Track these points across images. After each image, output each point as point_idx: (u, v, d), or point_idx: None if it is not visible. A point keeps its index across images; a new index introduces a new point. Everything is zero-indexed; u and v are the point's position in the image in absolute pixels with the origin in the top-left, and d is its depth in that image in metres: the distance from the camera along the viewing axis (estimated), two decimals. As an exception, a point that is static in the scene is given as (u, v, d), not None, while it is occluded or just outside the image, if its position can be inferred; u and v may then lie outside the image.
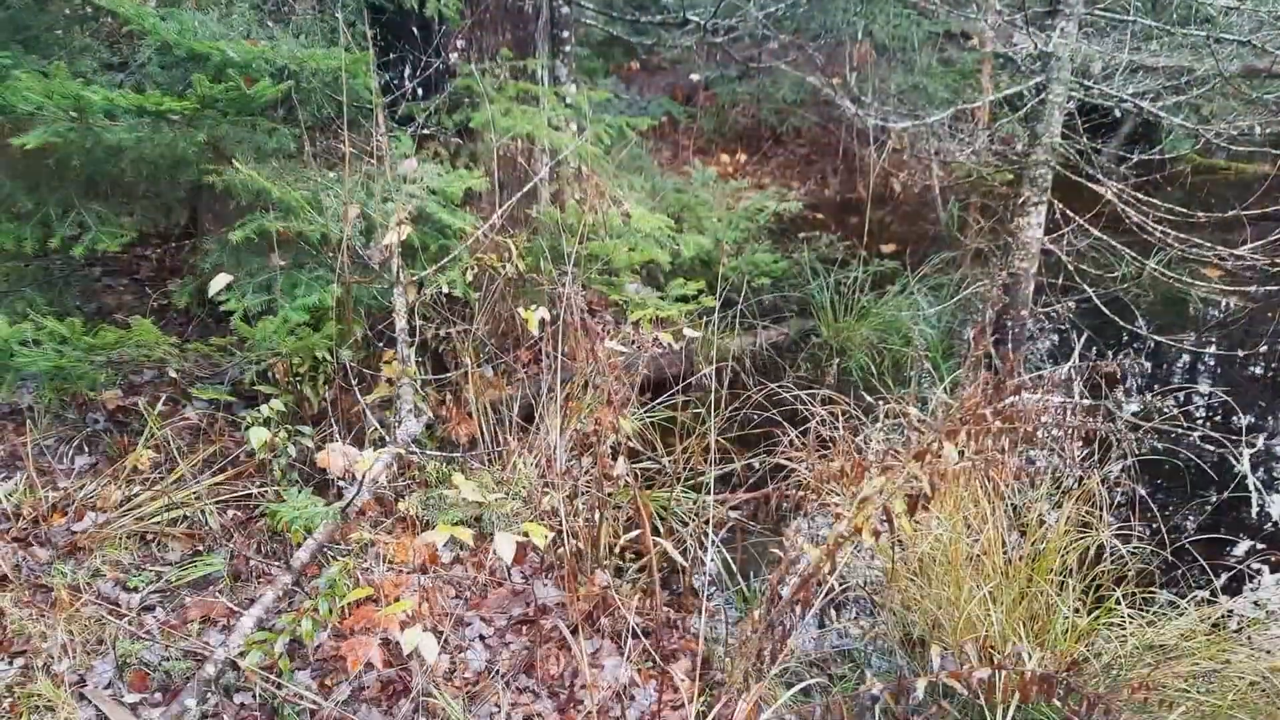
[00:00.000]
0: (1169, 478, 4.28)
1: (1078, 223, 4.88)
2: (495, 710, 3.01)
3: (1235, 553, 3.66)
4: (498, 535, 2.68)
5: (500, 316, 3.88)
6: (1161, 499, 4.18)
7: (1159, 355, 5.80)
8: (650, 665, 3.21)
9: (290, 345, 3.33)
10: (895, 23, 7.69)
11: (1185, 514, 3.95)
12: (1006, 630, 2.82)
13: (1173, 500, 4.13)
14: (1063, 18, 4.62)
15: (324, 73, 3.54)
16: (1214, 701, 2.77)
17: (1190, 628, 2.93)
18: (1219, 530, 3.81)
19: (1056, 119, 4.79)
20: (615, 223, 3.97)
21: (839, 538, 2.76)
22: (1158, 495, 4.22)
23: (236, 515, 3.70)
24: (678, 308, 4.02)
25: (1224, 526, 3.87)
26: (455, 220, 3.62)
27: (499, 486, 3.64)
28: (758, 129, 8.84)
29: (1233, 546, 3.71)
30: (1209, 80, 5.18)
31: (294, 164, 3.67)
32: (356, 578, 3.22)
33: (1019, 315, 5.09)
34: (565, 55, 5.00)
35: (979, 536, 2.90)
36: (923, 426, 2.73)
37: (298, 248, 3.57)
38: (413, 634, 2.62)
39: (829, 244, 6.31)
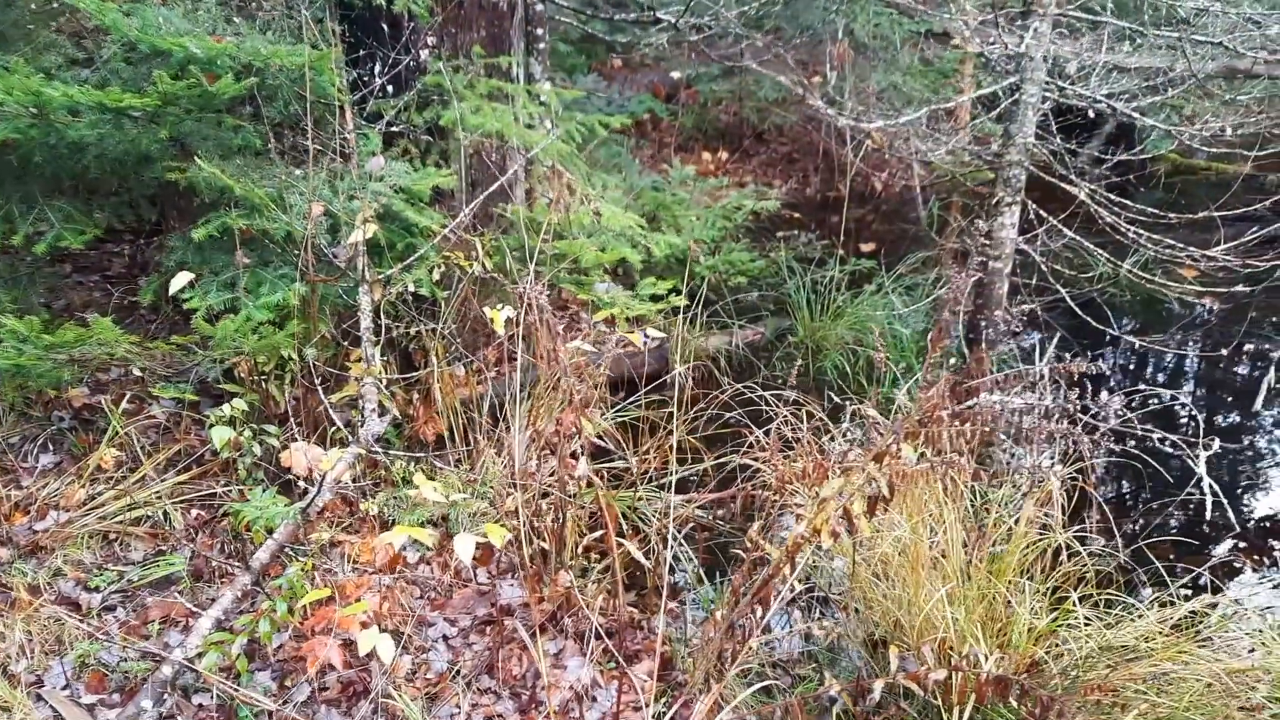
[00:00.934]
0: (1128, 479, 4.30)
1: (1051, 223, 4.89)
2: (456, 711, 3.00)
3: (1193, 555, 3.67)
4: (457, 536, 2.66)
5: (469, 315, 3.87)
6: (1120, 501, 4.20)
7: (1132, 356, 5.82)
8: (613, 666, 3.21)
9: (253, 344, 3.31)
10: (876, 22, 7.69)
11: (1143, 516, 3.96)
12: (965, 631, 2.82)
13: (1131, 502, 4.14)
14: (1036, 18, 4.62)
15: (290, 70, 3.52)
16: (1170, 703, 2.77)
17: (1149, 630, 2.93)
18: (1177, 532, 3.83)
19: (1030, 119, 4.79)
20: (585, 221, 3.95)
21: (798, 538, 2.76)
22: (1116, 497, 4.24)
23: (200, 515, 3.68)
24: (648, 307, 4.01)
25: (1182, 528, 3.88)
26: (422, 218, 3.60)
27: (466, 486, 3.63)
28: (740, 127, 8.83)
29: (1190, 549, 3.73)
30: (1183, 81, 5.20)
31: (260, 161, 3.64)
32: (315, 578, 3.21)
33: (992, 315, 5.10)
34: (539, 53, 4.98)
35: (938, 538, 2.90)
36: (882, 428, 2.73)
37: (263, 246, 3.55)
38: (370, 634, 2.61)
39: (806, 243, 6.31)
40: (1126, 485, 4.31)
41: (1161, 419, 4.89)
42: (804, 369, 5.44)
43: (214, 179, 3.32)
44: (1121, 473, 4.32)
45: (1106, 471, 4.31)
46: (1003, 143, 4.91)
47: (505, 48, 4.86)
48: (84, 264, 5.13)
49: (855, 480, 2.70)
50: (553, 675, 3.18)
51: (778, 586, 2.87)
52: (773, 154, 8.80)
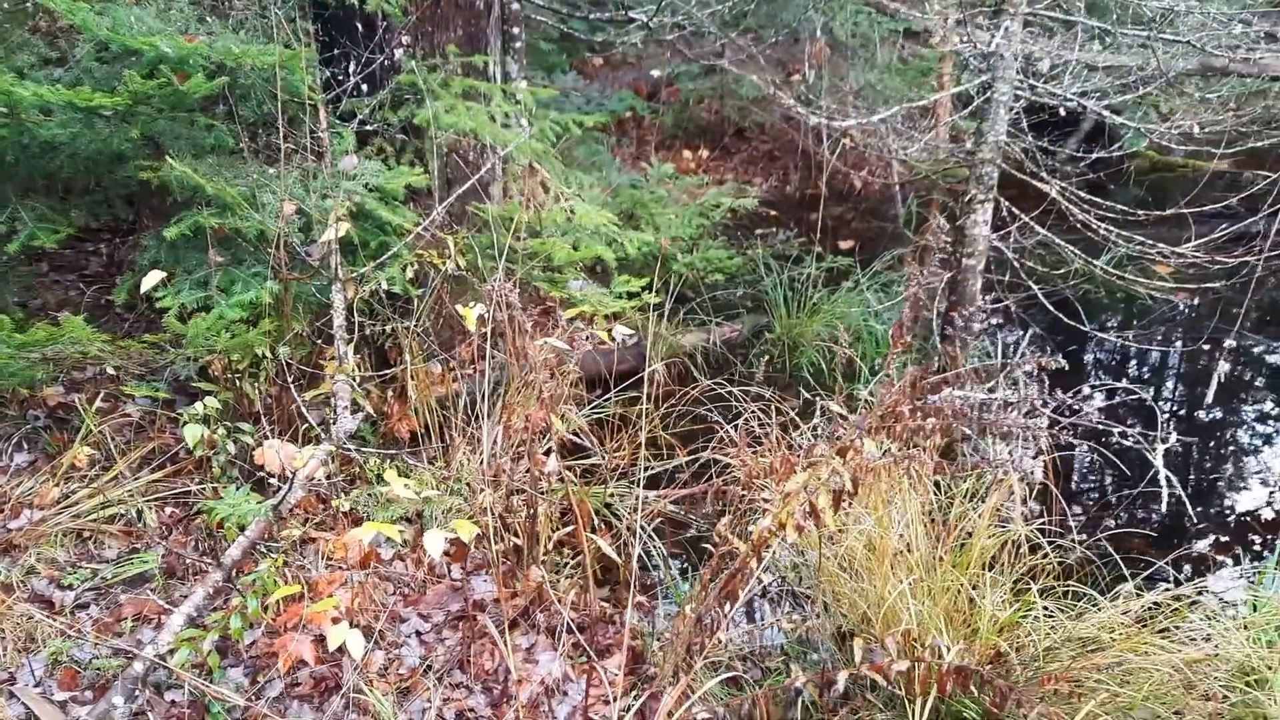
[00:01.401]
0: (1092, 473, 4.36)
1: (1023, 220, 4.93)
2: (427, 706, 3.03)
3: (1154, 547, 3.73)
4: (427, 533, 2.69)
5: (443, 313, 3.89)
6: (1084, 494, 4.26)
7: (1107, 352, 5.88)
8: (585, 660, 3.24)
9: (226, 342, 3.32)
10: (855, 20, 7.73)
11: (1103, 509, 4.02)
12: (929, 623, 2.86)
13: (1096, 495, 4.20)
14: (1007, 17, 4.66)
15: (262, 69, 3.53)
16: (1130, 693, 2.82)
17: (1111, 621, 2.98)
18: (1138, 525, 3.88)
19: (1002, 117, 4.83)
20: (559, 219, 3.98)
21: (763, 532, 2.79)
22: (1080, 490, 4.29)
23: (175, 512, 3.69)
24: (621, 304, 4.04)
25: (1144, 521, 3.94)
26: (395, 217, 3.62)
27: (440, 483, 3.65)
28: (721, 125, 8.87)
29: (1152, 541, 3.79)
30: (1155, 79, 5.25)
31: (233, 160, 3.66)
32: (288, 575, 3.23)
33: (966, 312, 5.14)
34: (515, 51, 5.00)
35: (902, 531, 2.94)
36: (846, 423, 2.76)
37: (237, 244, 3.56)
38: (339, 630, 2.63)
39: (784, 240, 6.35)
40: (1090, 478, 4.36)
41: (1129, 413, 4.96)
42: (781, 365, 5.49)
43: (186, 178, 3.33)
44: (1085, 466, 4.38)
45: (1071, 465, 4.36)
46: (975, 141, 4.95)
47: (482, 47, 4.87)
48: (61, 263, 5.13)
49: (820, 474, 2.74)
50: (524, 669, 3.21)
51: (746, 580, 2.90)
52: (754, 152, 8.84)
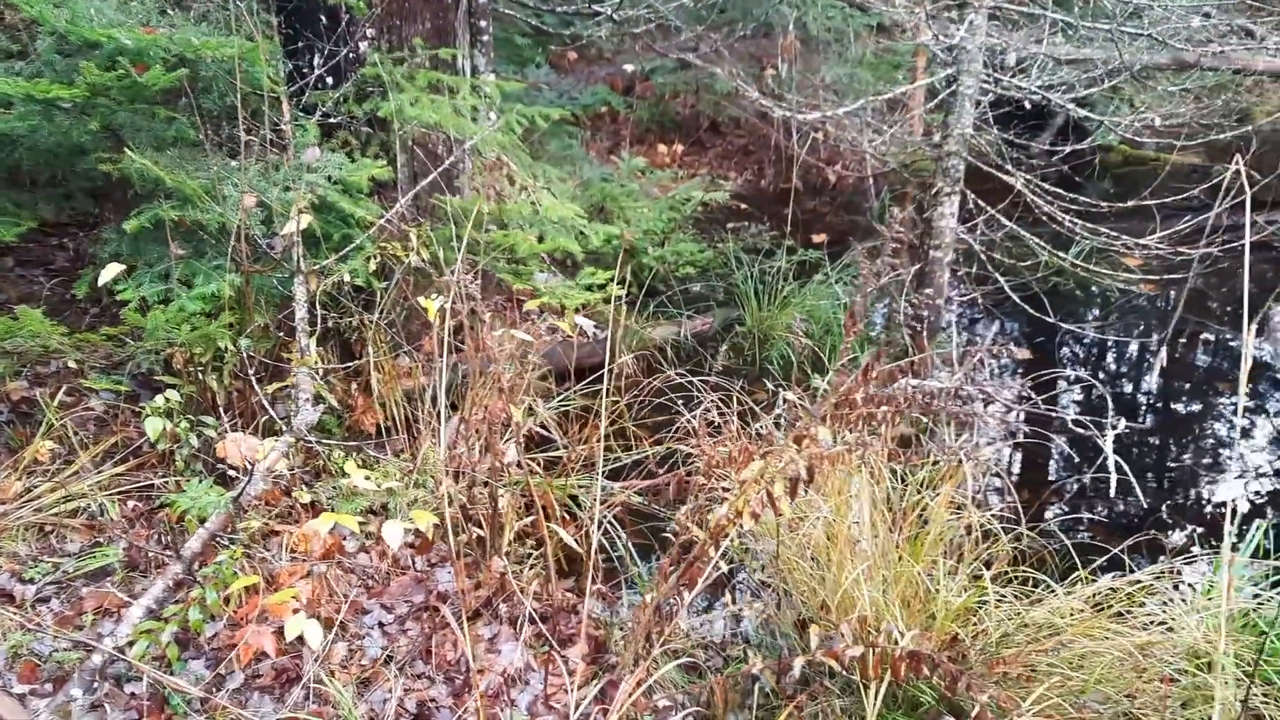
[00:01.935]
0: (1049, 460, 4.41)
1: (990, 213, 4.97)
2: (388, 696, 3.04)
3: (1110, 532, 3.78)
4: (386, 523, 2.70)
5: (411, 306, 3.90)
6: (1041, 481, 4.32)
7: (1072, 344, 5.94)
8: (547, 650, 3.25)
9: (187, 335, 3.32)
10: (829, 15, 7.76)
11: (1059, 495, 4.07)
12: (883, 610, 2.88)
13: (1054, 482, 4.26)
14: (971, 10, 4.70)
15: (223, 61, 3.53)
16: (1082, 677, 2.86)
17: (1066, 607, 3.02)
18: (1093, 511, 3.93)
19: (968, 110, 4.87)
20: (525, 211, 3.99)
21: (720, 520, 2.81)
22: (1038, 478, 4.35)
23: (137, 506, 3.68)
24: (585, 296, 4.05)
25: (1098, 507, 3.99)
26: (357, 209, 3.62)
27: (404, 475, 3.66)
28: (696, 120, 8.88)
29: (1107, 527, 3.84)
30: (1120, 73, 5.30)
31: (195, 153, 3.65)
32: (249, 567, 3.23)
33: (934, 304, 5.18)
34: (483, 45, 5.00)
35: (858, 519, 2.97)
36: (802, 412, 2.79)
37: (199, 237, 3.56)
38: (297, 620, 2.63)
39: (756, 234, 6.37)
40: (1049, 466, 4.42)
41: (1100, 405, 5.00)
42: (751, 358, 5.51)
43: (145, 170, 3.32)
44: (1043, 454, 4.43)
45: (1030, 453, 4.42)
46: (941, 134, 4.99)
47: (450, 40, 4.87)
48: (26, 258, 5.10)
49: (776, 463, 2.76)
50: (487, 660, 3.23)
51: (704, 568, 2.93)
52: (729, 146, 8.86)
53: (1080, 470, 4.12)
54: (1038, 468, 4.46)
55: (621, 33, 6.83)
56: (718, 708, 2.89)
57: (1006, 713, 2.68)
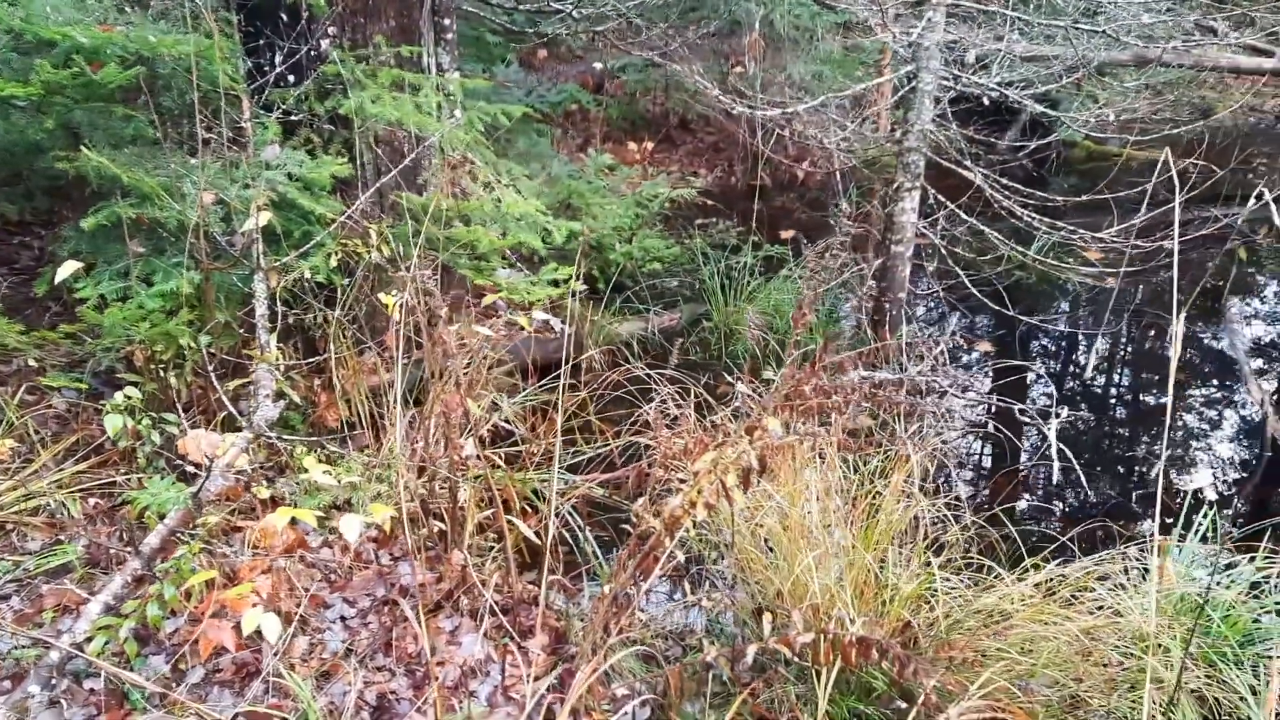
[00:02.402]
0: (1000, 449, 4.50)
1: (950, 208, 5.04)
2: (348, 689, 3.06)
3: (1060, 520, 3.86)
4: (344, 517, 2.72)
5: (371, 302, 3.92)
6: (991, 470, 4.40)
7: (1031, 336, 6.02)
8: (508, 641, 3.29)
9: (146, 332, 3.33)
10: (796, 13, 7.82)
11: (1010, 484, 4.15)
12: (835, 597, 2.93)
13: (1000, 471, 4.34)
14: (930, 8, 4.76)
15: (182, 59, 3.53)
16: (1030, 661, 2.92)
17: (1016, 593, 3.08)
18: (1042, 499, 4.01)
19: (928, 106, 4.93)
20: (487, 208, 4.01)
21: (674, 510, 2.85)
22: (987, 467, 4.43)
23: (99, 504, 3.69)
24: (546, 292, 4.08)
25: (1048, 496, 4.07)
26: (318, 206, 3.64)
27: (366, 470, 3.68)
28: (666, 117, 8.93)
29: (1056, 514, 3.91)
30: (1077, 69, 5.38)
31: (154, 150, 3.65)
32: (206, 562, 3.24)
33: (896, 298, 5.24)
34: (448, 43, 5.02)
35: (810, 508, 3.02)
36: (753, 403, 2.83)
37: (158, 235, 3.57)
38: (253, 615, 2.65)
39: (723, 230, 6.42)
40: (1003, 456, 4.50)
41: (1046, 395, 5.08)
42: (718, 352, 5.56)
43: (103, 168, 3.33)
44: (995, 443, 4.52)
45: (981, 442, 4.50)
46: (902, 130, 5.05)
47: (415, 38, 4.88)
48: (-10, 257, 5.08)
49: (728, 454, 2.80)
50: (447, 652, 3.26)
51: (659, 558, 2.96)
52: (699, 144, 8.91)
53: (1034, 459, 4.19)
54: (991, 457, 4.53)
55: (590, 31, 6.85)
56: (673, 696, 2.93)
57: (954, 696, 2.74)
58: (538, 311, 3.08)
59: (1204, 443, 4.90)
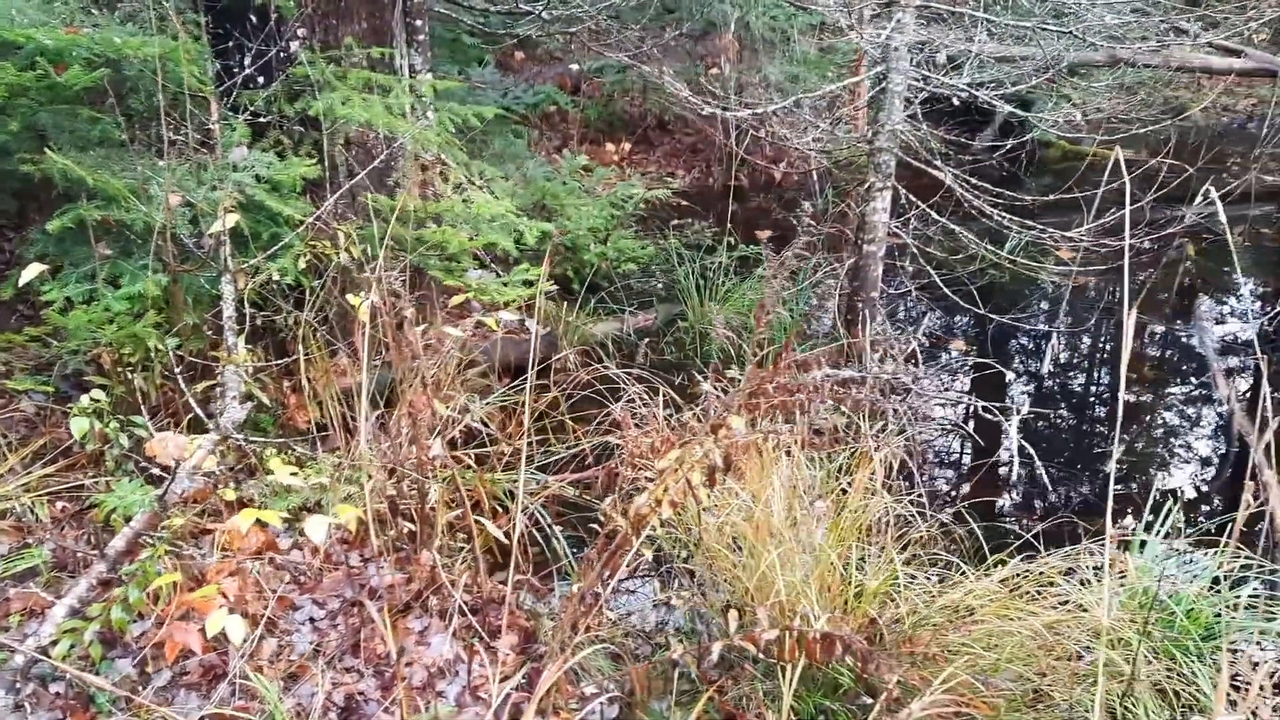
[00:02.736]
0: (967, 447, 4.54)
1: (921, 207, 5.07)
2: (316, 690, 3.06)
3: (1024, 516, 3.90)
4: (310, 518, 2.72)
5: (342, 304, 3.92)
6: (954, 468, 4.44)
7: (1016, 335, 6.07)
8: (477, 640, 3.29)
9: (113, 334, 3.32)
10: (772, 14, 7.85)
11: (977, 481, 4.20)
12: (800, 594, 2.95)
13: (962, 468, 4.39)
14: (899, 9, 4.79)
15: (148, 61, 3.53)
16: (993, 656, 2.95)
17: (982, 589, 3.10)
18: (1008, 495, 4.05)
19: (898, 106, 4.96)
20: (457, 209, 4.02)
21: (640, 509, 2.87)
22: (948, 464, 4.47)
23: (67, 507, 3.67)
24: (517, 292, 4.09)
25: (1013, 492, 4.11)
26: (285, 208, 3.63)
27: (335, 471, 3.68)
28: (644, 118, 8.95)
29: (1020, 511, 3.95)
30: (1047, 69, 5.43)
31: (121, 153, 3.65)
32: (172, 565, 3.23)
33: (869, 297, 5.27)
34: (419, 44, 5.02)
35: (776, 507, 3.04)
36: (717, 401, 2.85)
37: (125, 237, 3.56)
38: (217, 617, 2.65)
39: (698, 230, 6.45)
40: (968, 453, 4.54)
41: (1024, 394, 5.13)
42: (693, 352, 5.58)
43: (68, 170, 3.32)
44: (959, 441, 4.56)
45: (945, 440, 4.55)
46: (873, 130, 5.08)
47: (387, 40, 4.88)
48: (-41, 260, 5.05)
49: (693, 452, 2.82)
50: (416, 652, 3.26)
51: (625, 556, 2.98)
52: (676, 145, 8.94)
53: (997, 456, 4.23)
54: (957, 455, 4.57)
55: (563, 33, 6.87)
56: (638, 694, 2.95)
57: (918, 691, 2.76)
58: (505, 312, 3.08)
59: (1171, 439, 4.95)
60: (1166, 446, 4.88)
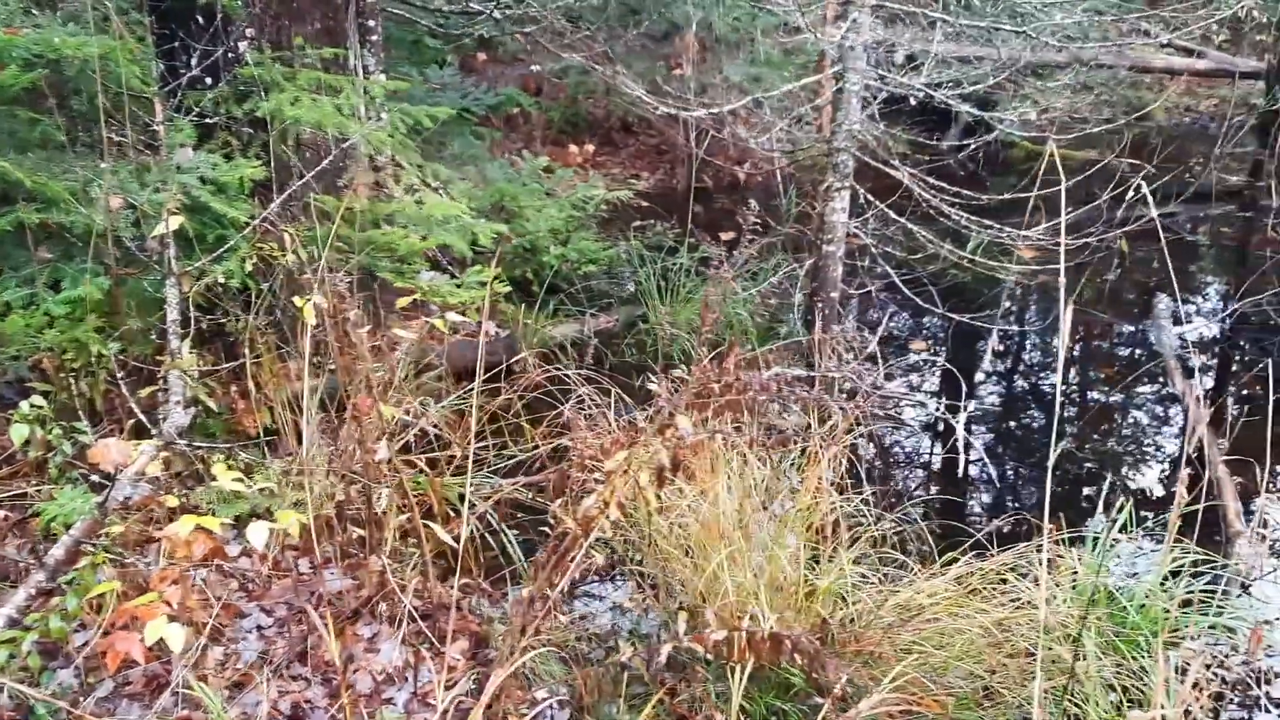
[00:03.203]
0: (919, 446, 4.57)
1: (879, 207, 5.08)
2: (260, 699, 3.01)
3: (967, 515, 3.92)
4: (251, 525, 2.69)
5: (290, 306, 3.87)
6: (908, 467, 4.46)
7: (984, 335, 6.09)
8: (423, 648, 3.25)
9: (52, 339, 3.26)
10: (734, 15, 7.86)
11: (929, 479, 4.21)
12: (749, 595, 2.94)
13: (916, 467, 4.41)
14: (855, 9, 4.80)
15: (90, 61, 3.47)
16: (944, 654, 2.94)
17: (929, 588, 3.10)
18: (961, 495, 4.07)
19: (855, 106, 4.97)
20: (409, 210, 3.98)
21: (588, 511, 2.84)
22: (902, 463, 4.49)
23: (9, 516, 3.60)
24: (471, 294, 4.06)
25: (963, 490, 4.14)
26: (231, 210, 3.58)
27: (283, 476, 3.63)
28: (608, 120, 8.94)
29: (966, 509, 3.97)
30: (1005, 69, 5.47)
31: (63, 154, 3.58)
32: (112, 573, 3.18)
33: (828, 297, 5.27)
34: (373, 45, 4.98)
35: (725, 507, 3.02)
36: (664, 401, 2.83)
37: (67, 240, 3.50)
38: (156, 625, 2.60)
39: (660, 232, 6.43)
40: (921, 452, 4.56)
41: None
42: (654, 353, 5.56)
43: (6, 173, 3.26)
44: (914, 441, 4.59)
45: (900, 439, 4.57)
46: (831, 130, 5.08)
47: (341, 40, 4.84)
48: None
49: (641, 453, 2.80)
50: (365, 659, 3.22)
51: (574, 558, 2.95)
52: (641, 146, 8.93)
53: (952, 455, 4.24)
54: (913, 454, 4.59)
55: (517, 33, 6.84)
56: (586, 698, 2.92)
57: (867, 690, 2.75)
58: (453, 313, 3.05)
59: (1127, 435, 4.99)
60: (1123, 442, 4.91)
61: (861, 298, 5.94)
